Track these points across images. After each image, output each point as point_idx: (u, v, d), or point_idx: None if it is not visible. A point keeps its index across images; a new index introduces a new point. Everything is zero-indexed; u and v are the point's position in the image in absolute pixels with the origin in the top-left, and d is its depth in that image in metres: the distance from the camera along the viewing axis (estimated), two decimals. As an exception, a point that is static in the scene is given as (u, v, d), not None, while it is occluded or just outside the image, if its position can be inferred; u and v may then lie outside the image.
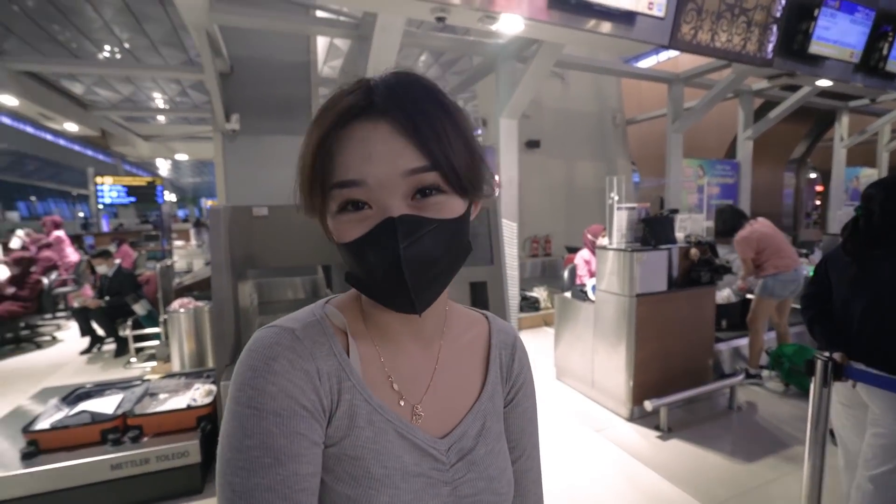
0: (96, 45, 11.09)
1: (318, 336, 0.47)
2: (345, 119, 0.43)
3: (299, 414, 0.42)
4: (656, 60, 12.26)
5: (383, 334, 0.51)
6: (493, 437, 0.55)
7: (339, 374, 0.46)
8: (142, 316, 4.29)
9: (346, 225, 0.44)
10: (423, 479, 0.48)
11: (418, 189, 0.43)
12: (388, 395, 0.49)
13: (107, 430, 2.32)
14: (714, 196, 6.93)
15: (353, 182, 0.42)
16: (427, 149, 0.42)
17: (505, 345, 0.61)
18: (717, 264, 3.22)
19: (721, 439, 2.82)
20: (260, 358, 0.43)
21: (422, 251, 0.42)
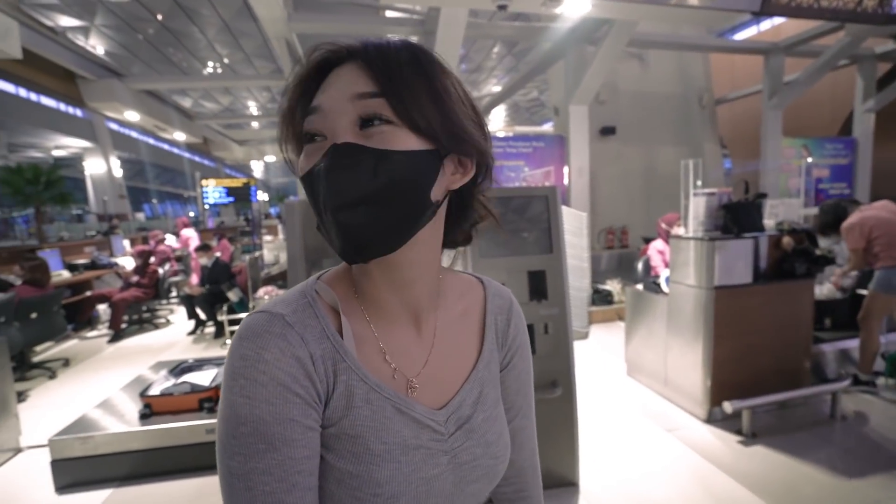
0: (202, 63, 12.49)
1: (308, 320, 0.46)
2: (324, 66, 0.45)
3: (291, 401, 0.42)
4: (757, 30, 10.98)
5: (375, 307, 0.50)
6: (490, 403, 0.55)
7: (333, 357, 0.46)
8: (235, 302, 4.79)
9: (305, 157, 0.44)
10: (423, 451, 0.48)
11: (363, 117, 0.42)
12: (384, 371, 0.49)
13: (203, 398, 2.64)
14: (823, 179, 6.09)
15: (311, 109, 0.43)
16: (377, 77, 0.42)
17: (501, 309, 0.60)
18: (817, 254, 2.85)
19: (818, 450, 2.50)
20: (251, 347, 0.42)
21: (347, 178, 0.41)
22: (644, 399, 3.22)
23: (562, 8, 3.23)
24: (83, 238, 8.15)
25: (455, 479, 0.50)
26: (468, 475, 0.51)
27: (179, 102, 14.13)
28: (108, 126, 12.39)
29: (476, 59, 12.74)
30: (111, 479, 2.42)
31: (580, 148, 4.94)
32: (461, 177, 0.48)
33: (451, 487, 0.50)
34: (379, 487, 0.45)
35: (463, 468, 0.51)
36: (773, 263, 2.89)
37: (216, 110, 16.50)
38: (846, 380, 2.99)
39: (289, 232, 2.73)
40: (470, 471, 0.51)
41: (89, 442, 2.42)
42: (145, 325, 5.78)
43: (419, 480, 0.47)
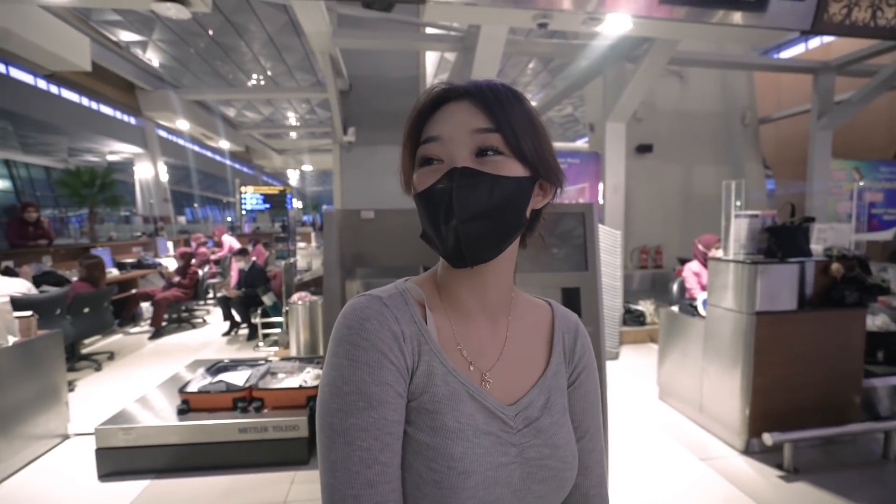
0: (247, 75, 13.09)
1: (401, 305, 0.53)
2: (438, 101, 0.53)
3: (387, 367, 0.48)
4: (805, 48, 10.63)
5: (455, 307, 0.57)
6: (557, 410, 0.59)
7: (418, 339, 0.52)
8: (269, 306, 4.93)
9: (422, 177, 0.51)
10: (493, 438, 0.52)
11: (482, 147, 0.50)
12: (460, 362, 0.55)
13: (237, 398, 2.73)
14: (877, 204, 5.78)
15: (431, 138, 0.51)
16: (493, 115, 0.50)
17: (568, 329, 0.65)
18: (870, 283, 2.71)
19: (866, 492, 2.35)
20: (355, 319, 0.49)
21: (472, 196, 0.48)
22: (677, 425, 3.11)
23: (602, 27, 3.23)
24: (130, 239, 8.61)
25: (522, 474, 0.53)
26: (535, 473, 0.54)
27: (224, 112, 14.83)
28: (158, 133, 13.12)
29: (511, 74, 12.84)
30: (150, 470, 2.52)
31: (616, 165, 4.88)
32: (542, 198, 0.56)
33: (519, 482, 0.53)
34: (453, 461, 0.49)
35: (530, 464, 0.54)
36: (821, 291, 2.76)
37: (258, 120, 17.20)
38: (900, 418, 2.81)
39: (327, 240, 2.81)
40: (537, 469, 0.54)
41: (131, 433, 2.53)
42: (183, 324, 6.02)
43: (489, 464, 0.51)
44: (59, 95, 10.10)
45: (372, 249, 3.04)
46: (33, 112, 9.51)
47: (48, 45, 5.66)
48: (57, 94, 10.05)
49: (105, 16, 8.84)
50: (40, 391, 2.80)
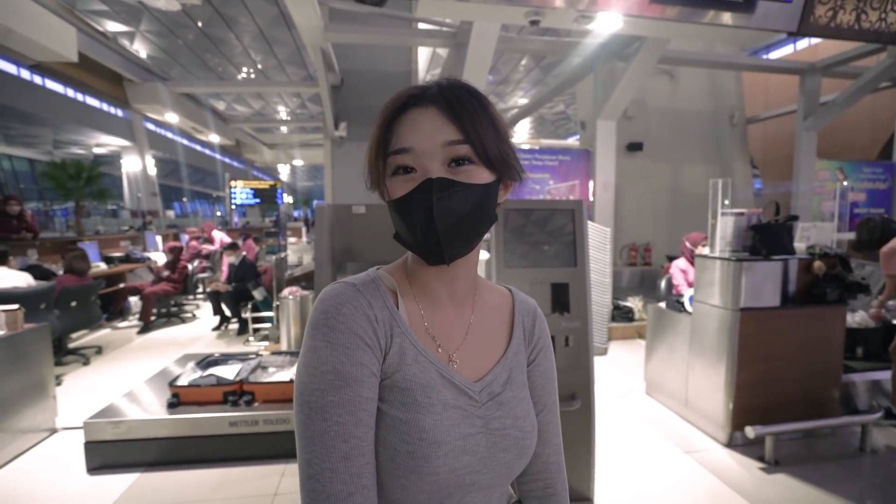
0: (236, 68, 12.93)
1: (373, 291, 0.57)
2: (404, 105, 0.55)
3: (362, 348, 0.52)
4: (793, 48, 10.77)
5: (424, 293, 0.61)
6: (518, 386, 0.64)
7: (390, 322, 0.56)
8: (259, 301, 4.92)
9: (396, 185, 0.54)
10: (461, 411, 0.57)
11: (454, 158, 0.53)
12: (429, 344, 0.59)
13: (227, 392, 2.73)
14: (859, 203, 5.91)
15: (403, 149, 0.53)
16: (462, 127, 0.53)
17: (527, 313, 0.70)
18: (850, 281, 2.78)
19: (844, 483, 2.42)
20: (332, 304, 0.53)
21: (450, 205, 0.52)
22: (663, 419, 3.17)
23: (594, 24, 3.26)
24: (117, 232, 8.49)
25: (487, 443, 0.58)
26: (499, 442, 0.59)
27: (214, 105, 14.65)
28: (146, 126, 12.93)
29: (503, 70, 12.84)
30: (139, 463, 2.51)
31: (606, 163, 4.93)
32: (504, 193, 0.61)
33: (485, 450, 0.58)
34: (424, 433, 0.53)
35: (494, 434, 0.59)
36: (804, 288, 2.83)
37: (248, 114, 17.01)
38: (878, 412, 2.89)
39: (318, 234, 2.81)
40: (500, 438, 0.59)
41: (121, 426, 2.52)
42: (172, 318, 5.97)
43: (457, 434, 0.55)
44: (43, 86, 9.90)
45: (362, 244, 3.06)
46: (17, 103, 9.33)
47: (33, 35, 5.55)
48: (41, 85, 9.86)
49: (91, 5, 8.67)
50: (27, 385, 2.77)
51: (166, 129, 15.03)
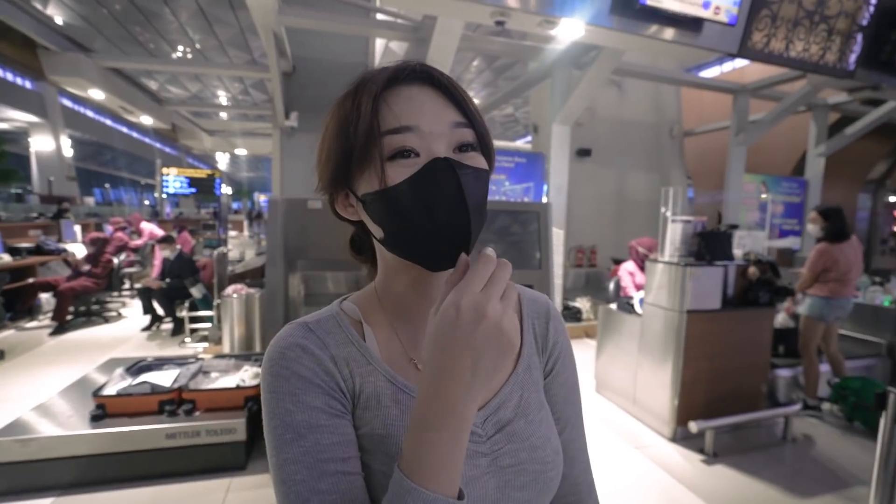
0: (171, 46, 11.95)
1: (331, 328, 0.50)
2: (393, 80, 0.47)
3: (312, 391, 0.45)
4: (720, 70, 11.70)
5: (403, 317, 0.53)
6: (533, 408, 0.54)
7: (356, 360, 0.49)
8: (197, 299, 4.56)
9: (396, 169, 0.45)
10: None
11: (461, 143, 0.47)
12: (413, 375, 0.51)
13: (164, 401, 2.48)
14: (777, 214, 6.52)
15: (407, 128, 0.45)
16: (465, 111, 0.48)
17: (538, 314, 0.60)
18: (778, 285, 3.03)
19: (772, 470, 2.64)
20: (276, 350, 0.47)
21: (474, 183, 0.45)
22: (612, 416, 3.30)
23: (557, 30, 3.31)
24: (24, 220, 7.55)
25: (498, 484, 0.49)
26: (513, 480, 0.50)
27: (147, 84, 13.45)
28: (61, 101, 11.60)
29: (456, 70, 12.87)
30: (54, 486, 2.22)
31: (560, 167, 5.06)
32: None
33: (495, 493, 0.49)
34: None
35: (506, 472, 0.50)
36: (740, 292, 3.05)
37: (183, 97, 15.81)
38: (797, 404, 3.19)
39: (270, 229, 2.63)
40: (515, 476, 0.50)
41: (31, 445, 2.21)
42: (94, 318, 5.39)
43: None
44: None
45: (318, 241, 2.91)
46: None
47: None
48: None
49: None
50: (-90, 398, 2.36)
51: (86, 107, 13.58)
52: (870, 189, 9.37)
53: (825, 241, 3.24)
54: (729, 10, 3.28)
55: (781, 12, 3.57)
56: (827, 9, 3.72)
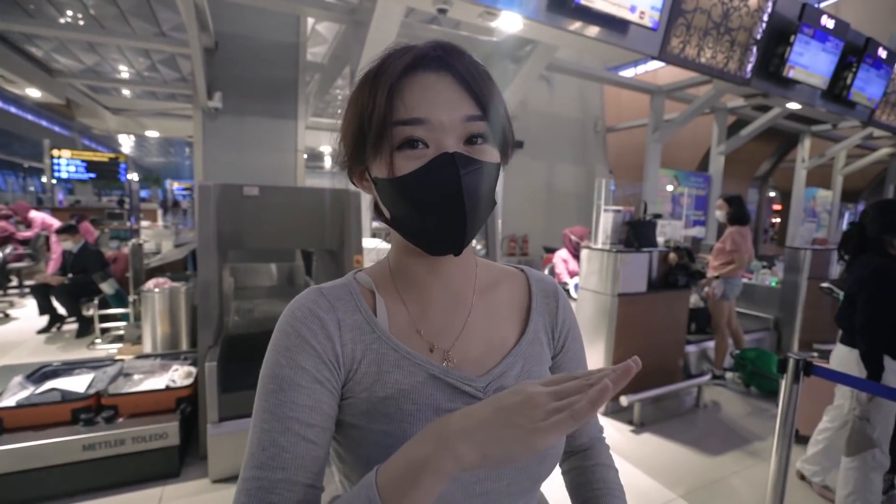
0: (57, 9, 10.43)
1: (342, 294, 0.53)
2: (411, 67, 0.47)
3: (307, 351, 0.48)
4: (634, 73, 12.64)
5: (413, 291, 0.55)
6: (535, 378, 0.55)
7: (362, 327, 0.51)
8: (109, 295, 4.10)
9: (405, 161, 0.47)
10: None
11: (471, 135, 0.48)
12: (418, 344, 0.53)
13: (78, 409, 2.22)
14: (687, 206, 7.22)
15: (417, 120, 0.46)
16: (480, 102, 0.48)
17: (546, 294, 0.64)
18: (693, 269, 3.38)
19: (689, 434, 2.96)
20: (288, 310, 0.51)
21: (476, 182, 0.47)
22: (550, 395, 3.49)
23: (497, 22, 3.37)
24: None
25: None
26: None
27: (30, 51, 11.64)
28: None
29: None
30: (-59, 515, 1.91)
31: (496, 158, 5.19)
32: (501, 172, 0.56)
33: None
34: None
35: None
36: (661, 275, 3.35)
37: (76, 69, 13.90)
38: (707, 375, 3.59)
39: (202, 218, 2.43)
40: None
41: None
42: (-28, 321, 4.65)
43: None
44: None
45: (254, 229, 2.74)
46: None
47: None
48: None
49: None
50: None
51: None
52: (756, 185, 10.70)
53: (734, 224, 3.67)
54: (652, 16, 3.54)
55: (694, 21, 3.92)
56: (730, 21, 4.16)
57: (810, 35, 4.41)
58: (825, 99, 5.12)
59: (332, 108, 17.55)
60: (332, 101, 16.74)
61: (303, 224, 2.88)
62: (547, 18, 3.41)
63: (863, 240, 1.96)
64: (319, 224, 2.86)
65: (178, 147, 23.67)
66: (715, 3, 3.98)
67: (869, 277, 1.87)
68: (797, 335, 4.32)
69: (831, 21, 4.53)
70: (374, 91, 0.47)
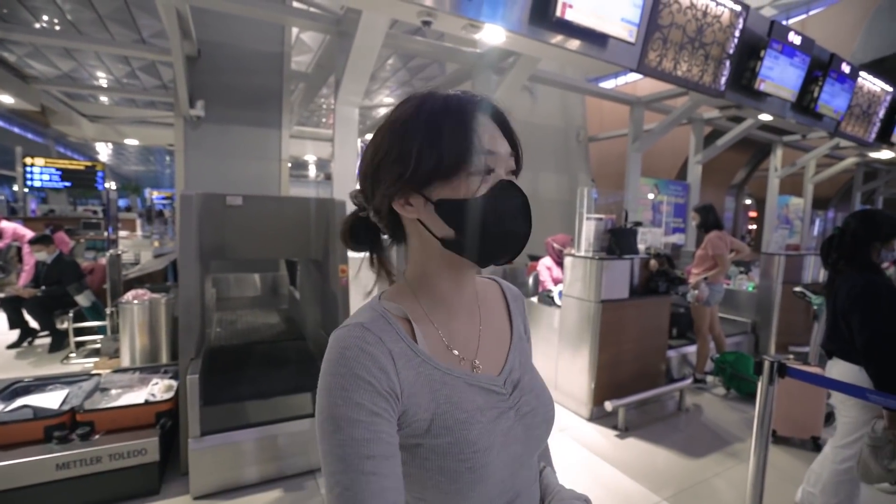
0: (32, 13, 10.21)
1: (384, 325, 0.57)
2: (475, 106, 0.58)
3: (362, 388, 0.51)
4: (615, 84, 12.94)
5: (437, 308, 0.62)
6: (529, 366, 0.70)
7: (407, 354, 0.56)
8: (85, 308, 3.98)
9: (478, 184, 0.56)
10: (495, 411, 0.60)
11: (513, 169, 0.60)
12: (452, 359, 0.61)
13: (52, 426, 2.15)
14: (667, 214, 7.38)
15: (491, 152, 0.57)
16: (513, 142, 0.61)
17: (515, 298, 0.76)
18: (673, 275, 3.45)
19: (672, 438, 3.01)
20: (337, 351, 0.53)
21: (528, 203, 0.59)
22: (536, 402, 3.51)
23: (481, 34, 3.42)
24: None
25: (524, 427, 0.63)
26: (531, 422, 0.64)
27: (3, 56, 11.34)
28: None
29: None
30: None
31: (481, 167, 5.23)
32: None
33: (523, 434, 0.62)
34: (474, 445, 0.55)
35: (526, 417, 0.63)
36: (643, 282, 3.42)
37: (51, 75, 13.58)
38: (688, 379, 3.66)
39: (184, 227, 2.40)
40: (532, 418, 0.64)
41: None
42: (-62, 335, 4.46)
43: (499, 433, 0.59)
44: None
45: (237, 240, 2.72)
46: None
47: None
48: None
49: None
50: None
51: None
52: (733, 192, 11.01)
53: (710, 230, 3.78)
54: (631, 30, 3.65)
55: (670, 36, 4.05)
56: (704, 37, 4.30)
57: (779, 50, 4.59)
58: (795, 111, 5.32)
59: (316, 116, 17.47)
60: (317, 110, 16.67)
61: (287, 234, 2.86)
62: (529, 31, 3.48)
63: (851, 247, 1.94)
64: (304, 233, 2.84)
65: (158, 155, 23.23)
66: (689, 18, 4.12)
67: (860, 294, 1.83)
68: (774, 338, 4.44)
69: (798, 37, 4.72)
70: (455, 122, 0.55)
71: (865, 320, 1.80)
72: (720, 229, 3.79)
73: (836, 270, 2.00)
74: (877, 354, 1.76)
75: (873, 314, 1.79)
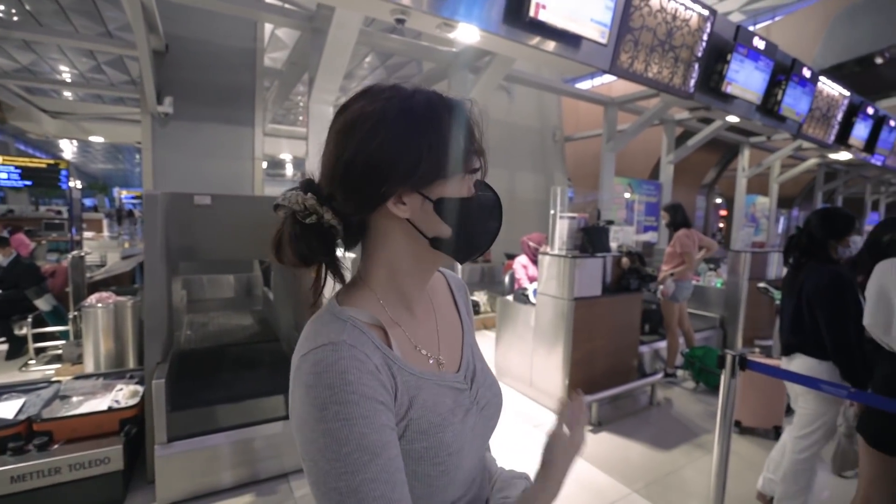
0: (-11, 4, 9.72)
1: (361, 339, 0.54)
2: (463, 108, 0.58)
3: (380, 410, 0.50)
4: (591, 84, 13.15)
5: (402, 311, 0.61)
6: (479, 355, 0.71)
7: (387, 363, 0.54)
8: (46, 312, 3.82)
9: (466, 185, 0.58)
10: (463, 409, 0.61)
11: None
12: (421, 360, 0.61)
13: (6, 437, 2.06)
14: (640, 212, 7.55)
15: (483, 151, 0.59)
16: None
17: (459, 287, 0.77)
18: (645, 273, 3.53)
19: (643, 431, 3.08)
20: (334, 375, 0.48)
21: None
22: (512, 400, 3.54)
23: (455, 33, 3.42)
24: None
25: (483, 420, 0.64)
26: (488, 413, 0.66)
27: (-49, 49, 10.75)
28: None
29: (349, 65, 12.55)
30: None
31: (457, 166, 5.24)
32: None
33: (482, 428, 0.64)
34: (449, 447, 0.56)
35: (485, 410, 0.65)
36: (615, 279, 3.48)
37: (8, 68, 12.95)
38: (659, 374, 3.75)
39: (149, 228, 2.33)
40: (488, 409, 0.66)
41: None
42: None
43: (468, 431, 0.60)
44: None
45: (205, 240, 2.65)
46: None
47: None
48: None
49: None
50: None
51: None
52: (704, 192, 11.33)
53: (679, 228, 3.89)
54: (603, 32, 3.71)
55: (641, 38, 4.13)
56: (674, 40, 4.41)
57: (745, 54, 4.75)
58: (760, 113, 5.50)
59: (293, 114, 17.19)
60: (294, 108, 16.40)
61: (259, 234, 2.80)
62: (503, 31, 3.50)
63: (809, 244, 2.02)
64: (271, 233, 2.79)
65: (128, 153, 22.45)
66: (660, 21, 4.21)
67: (827, 287, 1.88)
68: (741, 332, 4.59)
69: (762, 42, 4.89)
70: (458, 125, 0.55)
71: (834, 313, 1.87)
72: (688, 227, 3.90)
73: (799, 266, 2.06)
74: (845, 346, 1.84)
75: (840, 307, 1.86)
